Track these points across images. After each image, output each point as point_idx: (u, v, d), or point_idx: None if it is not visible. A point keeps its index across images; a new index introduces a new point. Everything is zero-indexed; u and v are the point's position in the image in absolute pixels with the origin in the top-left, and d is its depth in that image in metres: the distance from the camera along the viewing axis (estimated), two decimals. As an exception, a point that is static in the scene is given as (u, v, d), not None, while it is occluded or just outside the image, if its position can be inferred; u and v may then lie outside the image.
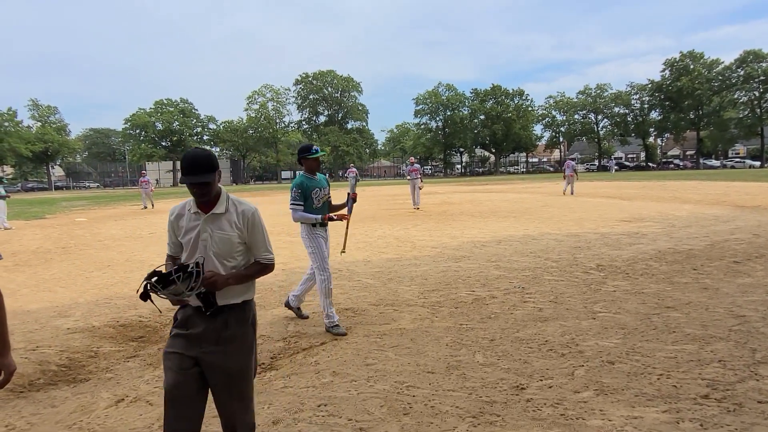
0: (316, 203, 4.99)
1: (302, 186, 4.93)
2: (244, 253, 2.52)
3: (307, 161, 4.99)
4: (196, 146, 3.50)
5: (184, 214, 2.45)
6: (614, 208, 16.00)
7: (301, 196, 4.93)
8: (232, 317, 2.45)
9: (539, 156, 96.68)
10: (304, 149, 5.02)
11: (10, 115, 66.41)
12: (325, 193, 5.09)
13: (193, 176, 2.29)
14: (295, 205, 4.94)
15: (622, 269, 7.11)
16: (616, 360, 3.91)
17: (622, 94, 74.42)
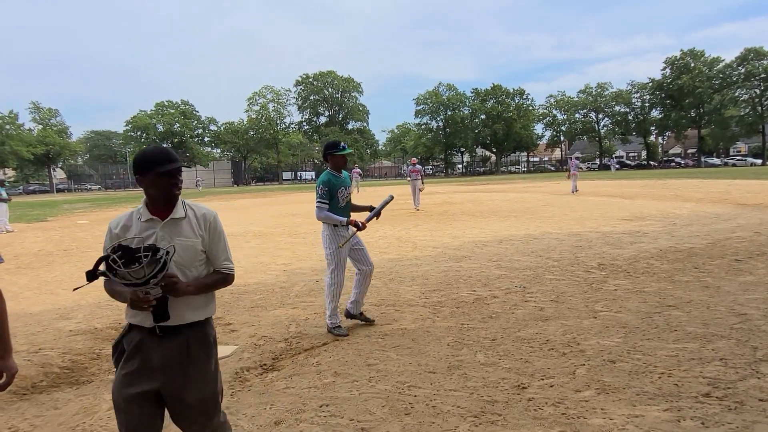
0: (340, 202, 4.87)
1: (329, 184, 4.80)
2: (205, 262, 2.26)
3: (335, 158, 4.88)
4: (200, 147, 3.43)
5: (131, 225, 2.14)
6: (615, 207, 16.00)
7: (328, 194, 4.79)
8: (192, 338, 2.17)
9: (540, 155, 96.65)
10: (332, 145, 4.91)
11: (11, 118, 66.55)
12: (349, 192, 4.98)
13: (173, 163, 2.11)
14: (321, 203, 4.80)
15: (623, 268, 7.11)
16: (617, 359, 3.92)
17: (622, 93, 74.37)
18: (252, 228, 14.70)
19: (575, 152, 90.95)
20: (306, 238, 11.99)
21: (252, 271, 8.14)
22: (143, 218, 2.15)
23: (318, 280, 7.25)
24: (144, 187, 2.14)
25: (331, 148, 4.89)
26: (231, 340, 4.86)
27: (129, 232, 2.13)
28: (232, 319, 5.51)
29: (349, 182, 5.00)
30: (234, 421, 3.24)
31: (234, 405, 3.47)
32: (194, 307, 2.18)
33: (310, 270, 8.03)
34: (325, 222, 4.84)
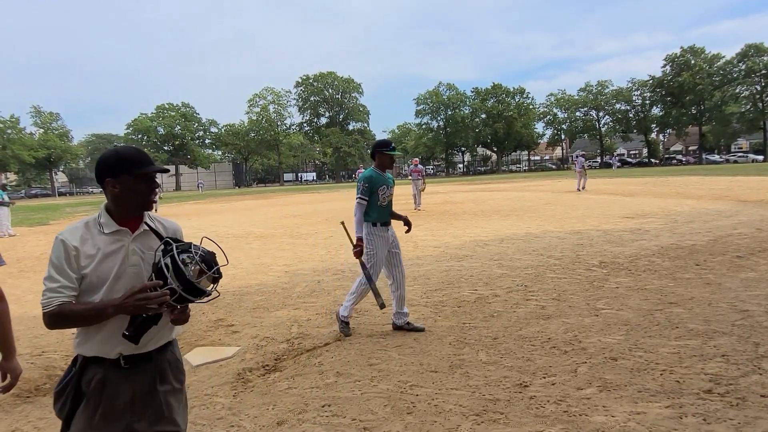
0: (381, 200, 4.77)
1: (371, 180, 4.72)
2: None
3: (383, 156, 4.82)
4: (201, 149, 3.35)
5: (89, 238, 1.80)
6: (616, 205, 15.99)
7: (368, 191, 4.71)
8: (164, 364, 1.94)
9: (541, 154, 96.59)
10: (383, 144, 4.87)
11: (12, 122, 66.70)
12: (391, 192, 4.88)
13: (153, 165, 1.88)
14: (361, 199, 4.71)
15: (624, 266, 7.10)
16: (618, 356, 3.92)
17: (623, 91, 74.30)
18: (253, 229, 14.71)
19: (576, 150, 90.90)
20: (307, 239, 12.00)
21: (254, 273, 8.15)
22: (107, 229, 1.83)
23: (320, 281, 7.27)
24: (115, 192, 1.83)
25: (381, 146, 4.85)
26: (233, 341, 4.88)
27: (87, 245, 1.79)
28: (234, 321, 5.53)
29: (392, 182, 4.91)
30: (237, 421, 3.26)
31: (237, 406, 3.48)
32: (165, 330, 1.92)
33: (311, 271, 8.04)
34: (355, 222, 4.76)
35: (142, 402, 1.87)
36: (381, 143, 4.90)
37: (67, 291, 1.75)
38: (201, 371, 4.19)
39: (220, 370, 4.17)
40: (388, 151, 4.82)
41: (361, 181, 4.74)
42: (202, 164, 75.64)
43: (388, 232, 4.86)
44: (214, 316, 5.74)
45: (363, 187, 4.70)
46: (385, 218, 4.85)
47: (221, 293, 6.09)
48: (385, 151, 4.82)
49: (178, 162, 74.41)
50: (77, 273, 1.77)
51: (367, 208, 4.76)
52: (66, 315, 1.74)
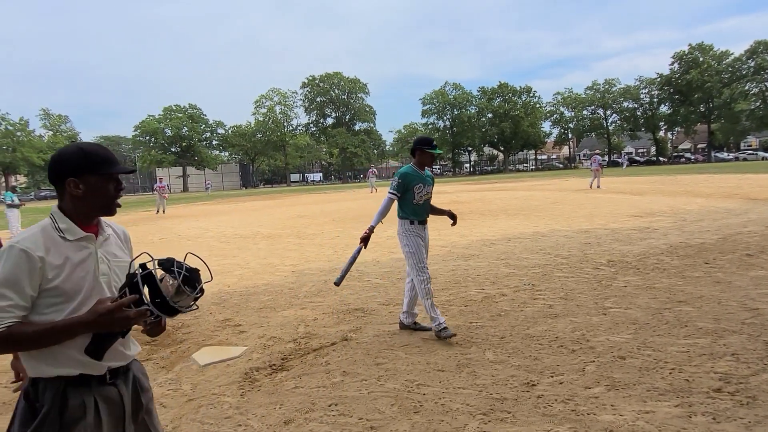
0: (417, 199, 4.64)
1: (406, 176, 4.59)
2: None
3: (423, 154, 4.68)
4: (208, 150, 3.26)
5: (52, 246, 1.59)
6: (625, 204, 15.89)
7: (402, 187, 4.58)
8: (138, 376, 1.81)
9: (548, 153, 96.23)
10: (425, 141, 4.71)
11: (22, 125, 67.29)
12: (428, 191, 4.73)
13: (120, 165, 1.72)
14: (392, 194, 4.59)
15: (632, 264, 7.06)
16: (627, 355, 3.89)
17: (630, 89, 73.88)
18: (260, 230, 14.75)
19: (584, 149, 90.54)
20: (314, 239, 12.01)
21: (261, 273, 8.17)
22: (71, 236, 1.64)
23: (327, 281, 7.27)
24: (77, 193, 1.64)
25: (423, 143, 4.70)
26: (240, 341, 4.89)
27: (51, 255, 1.57)
28: (241, 321, 5.54)
29: (430, 182, 4.77)
30: (244, 421, 3.26)
31: (244, 405, 3.49)
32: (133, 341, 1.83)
33: (318, 271, 8.05)
34: (377, 212, 4.64)
35: (134, 417, 1.75)
36: (422, 140, 4.73)
37: (17, 311, 1.51)
38: (208, 371, 4.21)
39: (228, 370, 4.19)
40: (429, 150, 4.66)
41: (396, 177, 4.63)
42: (210, 165, 75.92)
43: (424, 231, 4.76)
44: (221, 316, 5.76)
45: (396, 182, 4.59)
46: (422, 216, 4.73)
47: (229, 293, 6.10)
48: (426, 149, 4.66)
49: (185, 163, 74.74)
50: (36, 289, 1.54)
51: (402, 204, 4.66)
52: (17, 338, 1.49)
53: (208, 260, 6.73)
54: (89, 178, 1.64)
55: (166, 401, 3.67)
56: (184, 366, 4.36)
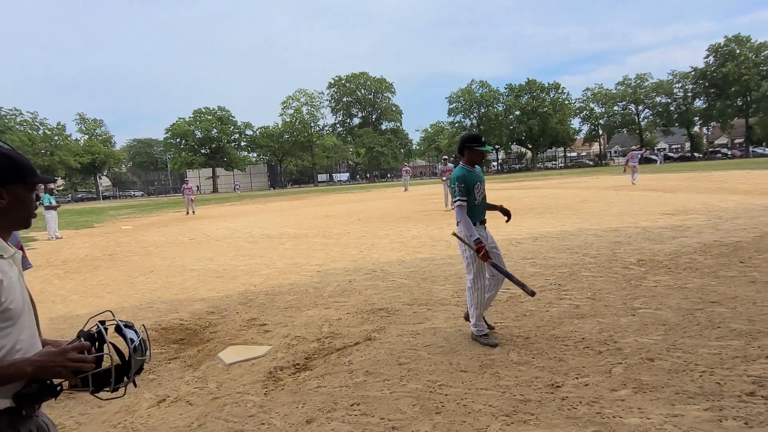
0: (477, 198, 4.50)
1: (465, 179, 4.43)
2: None
3: (473, 152, 4.52)
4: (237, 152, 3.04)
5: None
6: (656, 201, 15.50)
7: (466, 190, 4.42)
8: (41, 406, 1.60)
9: (578, 150, 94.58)
10: (474, 138, 4.56)
11: (59, 129, 69.61)
12: (484, 188, 4.61)
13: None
14: (461, 201, 4.40)
15: (664, 264, 6.88)
16: (656, 357, 3.80)
17: (663, 83, 71.99)
18: (287, 230, 14.91)
19: (615, 146, 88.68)
20: (339, 239, 12.08)
21: (286, 272, 8.26)
22: (6, 253, 1.49)
23: (351, 280, 7.30)
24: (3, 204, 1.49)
25: (472, 141, 4.54)
26: (265, 340, 4.95)
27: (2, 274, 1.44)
28: (266, 320, 5.61)
29: (482, 178, 4.62)
30: (267, 419, 3.30)
31: (267, 404, 3.53)
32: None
33: (343, 270, 8.09)
34: (463, 226, 4.42)
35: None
36: (471, 138, 4.58)
37: None
38: (234, 369, 4.27)
39: (252, 369, 4.24)
40: (478, 147, 4.52)
41: (455, 182, 4.42)
42: (238, 166, 77.13)
43: (485, 231, 4.62)
44: (247, 316, 5.84)
45: (459, 187, 4.39)
46: (482, 216, 4.61)
47: (255, 293, 6.18)
48: (476, 146, 4.52)
49: (215, 164, 76.06)
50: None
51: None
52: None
53: (236, 260, 6.95)
54: (16, 189, 1.50)
55: (192, 399, 3.74)
56: (210, 364, 4.44)
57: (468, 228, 4.36)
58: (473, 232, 4.35)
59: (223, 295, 6.96)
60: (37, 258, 12.16)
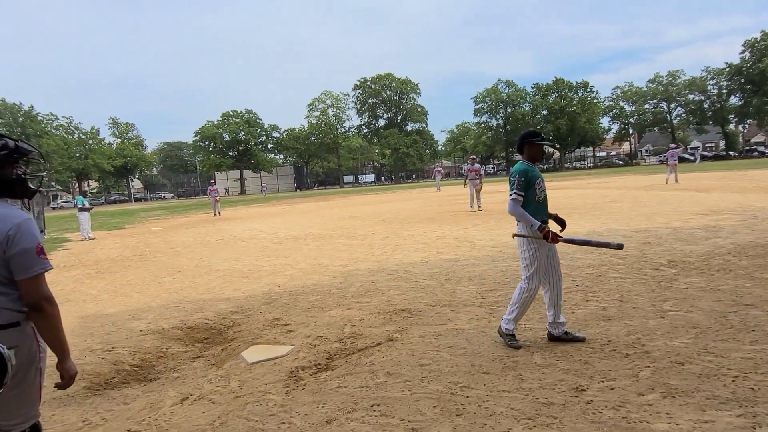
0: (538, 195, 4.33)
1: (527, 173, 4.28)
2: None
3: (533, 147, 4.42)
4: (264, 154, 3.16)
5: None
6: (689, 201, 15.08)
7: (525, 185, 4.25)
8: None
9: (607, 149, 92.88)
10: (533, 134, 4.47)
11: (93, 133, 71.65)
12: (544, 187, 4.43)
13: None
14: (517, 195, 4.23)
15: (696, 265, 6.68)
16: (686, 361, 3.67)
17: (696, 80, 70.12)
18: (312, 231, 15.00)
19: (646, 145, 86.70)
20: (363, 240, 12.09)
21: (310, 273, 8.29)
22: None
23: (374, 281, 7.29)
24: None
25: (531, 136, 4.45)
26: (287, 340, 4.97)
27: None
28: (289, 320, 5.64)
29: (541, 176, 4.47)
30: (288, 419, 3.31)
31: (288, 403, 3.54)
32: None
33: (366, 271, 8.09)
34: (518, 219, 4.30)
35: None
36: (531, 133, 4.48)
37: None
38: (256, 368, 4.30)
39: (274, 368, 4.26)
40: (537, 142, 4.41)
41: (515, 175, 4.27)
42: (265, 168, 78.07)
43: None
44: (270, 316, 5.88)
45: (519, 181, 4.24)
46: (544, 215, 4.40)
47: (279, 293, 6.22)
48: (536, 141, 4.41)
49: (242, 166, 77.13)
50: None
51: (523, 206, 4.29)
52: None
53: (260, 260, 7.01)
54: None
55: (215, 397, 3.77)
56: (233, 363, 4.48)
57: (525, 218, 4.21)
58: (532, 220, 4.19)
59: (247, 295, 7.03)
60: (71, 258, 12.51)
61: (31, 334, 2.15)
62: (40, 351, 2.20)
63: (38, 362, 2.19)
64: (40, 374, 2.22)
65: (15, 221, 2.09)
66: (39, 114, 65.65)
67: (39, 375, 2.20)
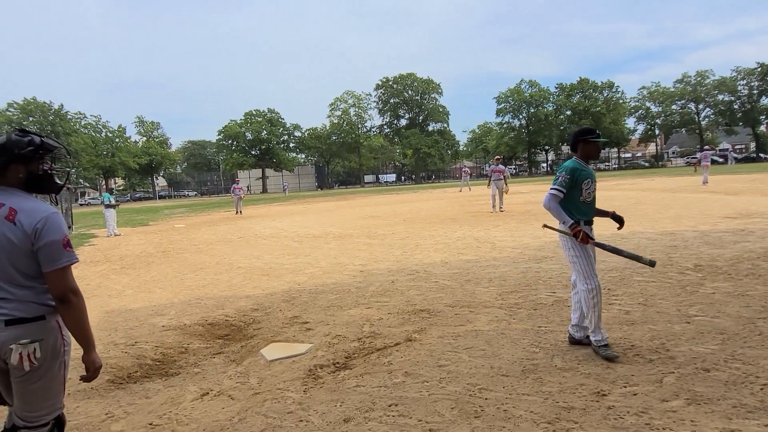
0: (585, 196, 4.14)
1: (575, 172, 4.07)
2: None
3: (588, 145, 4.20)
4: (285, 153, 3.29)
5: None
6: (717, 204, 14.72)
7: (569, 184, 4.06)
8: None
9: (632, 151, 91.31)
10: (588, 131, 4.25)
11: (120, 132, 73.06)
12: (595, 187, 4.23)
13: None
14: (556, 191, 4.06)
15: (723, 270, 6.51)
16: (712, 367, 3.58)
17: (726, 80, 68.49)
18: (332, 230, 15.05)
19: (673, 146, 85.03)
20: (384, 239, 12.09)
21: (330, 272, 8.32)
22: None
23: (394, 281, 7.28)
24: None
25: (585, 133, 4.22)
26: (306, 338, 4.99)
27: None
28: (308, 318, 5.66)
29: (594, 176, 4.26)
30: (306, 416, 3.32)
31: (306, 401, 3.55)
32: None
33: (386, 271, 8.08)
34: (553, 214, 4.12)
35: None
36: (585, 130, 4.26)
37: None
38: (275, 366, 4.33)
39: (293, 366, 4.28)
40: (593, 139, 4.20)
41: (562, 172, 4.11)
42: (287, 167, 78.64)
43: (592, 233, 4.23)
44: (290, 314, 5.91)
45: (564, 178, 4.06)
46: (590, 216, 4.23)
47: (299, 291, 6.27)
48: (590, 138, 4.19)
49: (264, 165, 77.84)
50: None
51: (567, 203, 4.09)
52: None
53: (281, 258, 7.08)
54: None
55: (234, 393, 3.81)
56: (252, 360, 4.52)
57: (560, 213, 4.05)
58: (565, 216, 4.03)
59: (267, 293, 7.08)
60: (97, 254, 12.78)
61: (56, 328, 2.20)
62: (65, 344, 2.25)
63: (63, 355, 2.23)
64: (65, 367, 2.26)
65: (43, 215, 2.13)
66: (68, 112, 67.20)
67: (63, 368, 2.25)
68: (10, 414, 2.31)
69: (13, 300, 2.10)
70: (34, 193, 2.27)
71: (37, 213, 2.13)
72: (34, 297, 2.14)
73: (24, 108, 62.37)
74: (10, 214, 2.10)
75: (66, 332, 2.25)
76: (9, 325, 2.08)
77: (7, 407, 2.33)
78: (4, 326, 2.08)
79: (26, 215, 2.11)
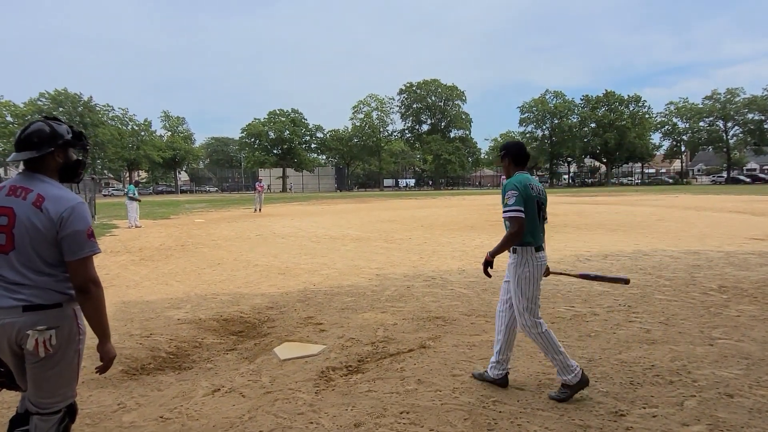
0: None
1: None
2: None
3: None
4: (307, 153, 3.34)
5: None
6: (743, 224, 14.38)
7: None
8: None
9: (657, 167, 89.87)
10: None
11: (145, 125, 74.19)
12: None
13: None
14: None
15: (749, 292, 6.34)
16: (735, 393, 3.47)
17: (757, 99, 67.04)
18: (350, 232, 15.05)
19: (698, 164, 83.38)
20: (401, 244, 12.04)
21: (346, 274, 8.30)
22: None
23: (410, 286, 7.23)
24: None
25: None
26: (320, 339, 4.97)
27: None
28: (322, 320, 5.64)
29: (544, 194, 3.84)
30: (316, 419, 3.29)
31: (317, 403, 3.52)
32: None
33: (402, 276, 8.04)
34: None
35: None
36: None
37: None
38: (287, 365, 4.31)
39: (305, 366, 4.26)
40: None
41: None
42: (307, 167, 79.02)
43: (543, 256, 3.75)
44: (304, 314, 5.90)
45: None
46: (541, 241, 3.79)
47: (314, 292, 6.23)
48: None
49: (285, 165, 78.34)
50: None
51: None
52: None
53: (298, 258, 7.06)
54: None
55: (245, 391, 3.80)
56: (265, 358, 4.51)
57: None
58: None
59: (283, 292, 7.09)
60: (117, 244, 12.95)
61: (72, 316, 2.21)
62: (80, 333, 2.25)
63: (77, 344, 2.24)
64: (79, 355, 2.27)
65: (70, 203, 2.15)
66: (97, 104, 68.46)
67: (78, 356, 2.25)
68: (22, 399, 2.32)
69: (31, 286, 2.10)
70: (64, 181, 2.30)
71: (64, 201, 2.15)
72: (54, 284, 2.14)
73: (54, 98, 63.68)
74: (38, 200, 2.12)
75: (81, 321, 2.25)
76: (26, 311, 2.09)
77: (20, 393, 2.35)
78: (22, 312, 2.08)
79: (53, 203, 2.13)
